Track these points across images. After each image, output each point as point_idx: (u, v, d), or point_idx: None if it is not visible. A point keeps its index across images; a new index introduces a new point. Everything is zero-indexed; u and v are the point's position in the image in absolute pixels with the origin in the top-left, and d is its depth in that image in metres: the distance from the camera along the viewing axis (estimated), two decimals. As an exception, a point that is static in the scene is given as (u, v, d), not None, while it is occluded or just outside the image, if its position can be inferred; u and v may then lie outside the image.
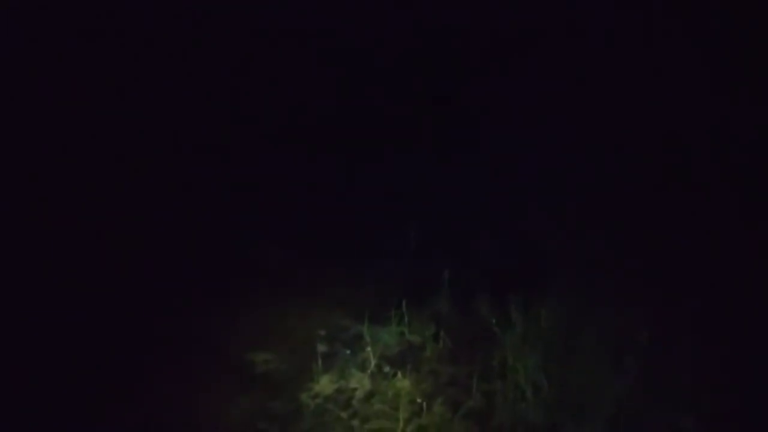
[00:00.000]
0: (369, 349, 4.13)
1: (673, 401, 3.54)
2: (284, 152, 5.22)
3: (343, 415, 3.85)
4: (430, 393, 3.93)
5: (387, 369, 4.08)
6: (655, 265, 4.46)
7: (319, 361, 4.06)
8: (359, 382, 4.01)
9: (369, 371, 4.06)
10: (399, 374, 4.03)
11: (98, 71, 5.03)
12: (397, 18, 5.45)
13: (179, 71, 5.15)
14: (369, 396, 3.95)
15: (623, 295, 4.26)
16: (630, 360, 3.61)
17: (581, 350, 3.81)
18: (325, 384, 4.00)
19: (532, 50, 5.52)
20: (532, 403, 3.70)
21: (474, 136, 5.56)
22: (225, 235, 4.76)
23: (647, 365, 3.62)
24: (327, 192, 5.03)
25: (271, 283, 4.57)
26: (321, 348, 4.20)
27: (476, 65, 5.46)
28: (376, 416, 3.85)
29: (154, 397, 3.81)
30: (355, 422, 3.83)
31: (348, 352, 4.20)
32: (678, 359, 3.72)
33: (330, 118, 5.37)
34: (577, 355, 3.81)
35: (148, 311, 4.26)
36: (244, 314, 4.40)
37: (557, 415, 3.62)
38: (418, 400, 3.90)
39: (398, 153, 5.23)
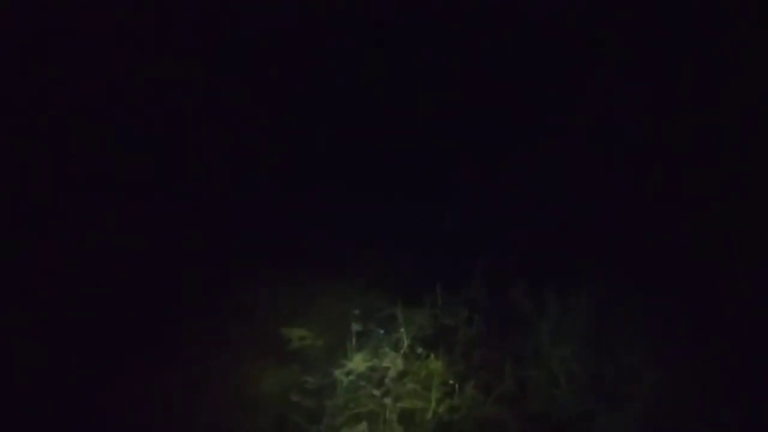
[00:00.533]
0: (402, 330, 4.17)
1: (712, 392, 3.51)
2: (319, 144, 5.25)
3: (376, 392, 3.91)
4: (463, 375, 3.96)
5: (420, 350, 4.12)
6: (694, 256, 4.41)
7: (353, 340, 4.12)
8: (392, 362, 4.06)
9: (402, 351, 4.10)
10: (432, 356, 4.06)
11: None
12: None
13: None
14: (401, 375, 4.00)
15: (660, 286, 4.22)
16: (668, 350, 3.59)
17: (618, 339, 3.79)
18: (358, 362, 4.06)
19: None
20: (566, 390, 3.70)
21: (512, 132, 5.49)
22: (265, 217, 4.84)
23: (685, 355, 3.60)
24: (366, 177, 5.06)
25: (308, 262, 4.64)
26: (355, 327, 4.25)
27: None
28: (409, 395, 3.90)
29: (197, 367, 3.92)
30: (388, 400, 3.89)
31: (381, 332, 4.25)
32: (717, 350, 3.68)
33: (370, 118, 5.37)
34: (614, 344, 3.79)
35: (193, 286, 4.37)
36: (282, 292, 4.48)
37: (592, 402, 3.62)
38: (450, 382, 3.93)
39: (435, 143, 5.22)
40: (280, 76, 5.42)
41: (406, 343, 4.12)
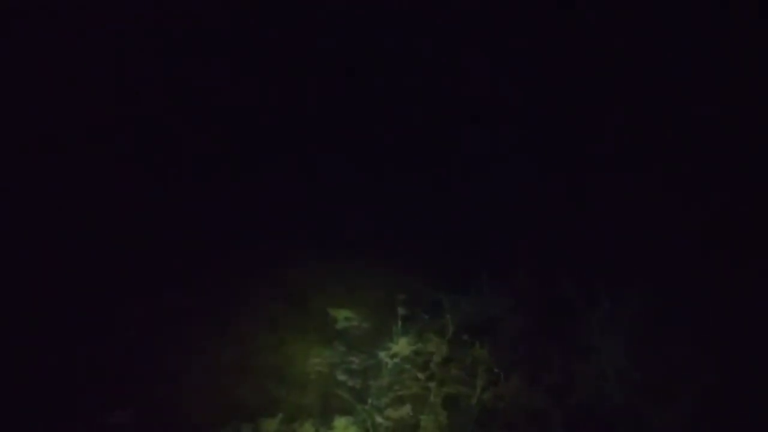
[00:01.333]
0: (448, 316, 4.18)
1: (762, 391, 3.43)
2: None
3: (421, 376, 3.95)
4: (508, 364, 3.95)
5: (465, 337, 4.12)
6: (750, 255, 4.29)
7: (399, 323, 4.15)
8: (437, 347, 4.08)
9: (447, 338, 4.11)
10: (477, 343, 4.06)
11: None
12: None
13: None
14: (446, 361, 4.02)
15: (712, 284, 4.13)
16: (718, 346, 3.51)
17: (669, 335, 3.73)
18: (403, 345, 4.09)
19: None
20: (614, 383, 3.67)
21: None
22: (316, 202, 4.89)
23: (737, 354, 3.52)
24: (414, 166, 5.06)
25: (355, 247, 4.67)
26: (400, 311, 4.27)
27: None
28: (453, 381, 3.92)
29: (247, 345, 4.01)
30: (432, 384, 3.92)
31: (426, 317, 4.26)
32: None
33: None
34: (664, 340, 3.74)
35: (246, 267, 4.46)
36: (330, 275, 4.53)
37: (640, 397, 3.58)
38: (495, 370, 3.94)
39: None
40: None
41: (451, 329, 4.13)
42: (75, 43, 5.12)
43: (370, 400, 3.85)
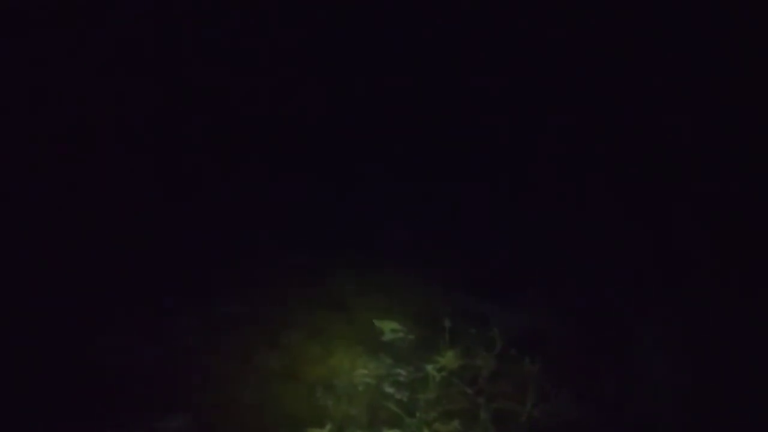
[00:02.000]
0: (495, 329, 4.15)
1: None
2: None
3: (469, 390, 3.90)
4: (558, 380, 3.90)
5: (513, 351, 4.08)
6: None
7: (446, 336, 4.12)
8: (485, 362, 4.04)
9: (495, 352, 4.07)
10: (527, 358, 4.01)
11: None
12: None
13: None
14: (495, 376, 3.97)
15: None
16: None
17: (727, 354, 3.66)
18: (450, 358, 4.06)
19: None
20: (667, 400, 3.60)
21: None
22: (364, 210, 4.90)
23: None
24: (464, 176, 5.07)
25: (400, 257, 4.67)
26: (446, 323, 4.24)
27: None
28: (503, 397, 3.87)
29: (292, 354, 4.01)
30: (481, 399, 3.87)
31: (473, 330, 4.23)
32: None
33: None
34: (722, 360, 3.67)
35: (290, 275, 4.48)
36: (374, 284, 4.52)
37: (698, 417, 3.51)
38: (546, 386, 3.88)
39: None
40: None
41: (499, 343, 4.10)
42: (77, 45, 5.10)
43: (418, 414, 3.81)
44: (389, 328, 4.25)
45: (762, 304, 3.96)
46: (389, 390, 3.91)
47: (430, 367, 4.02)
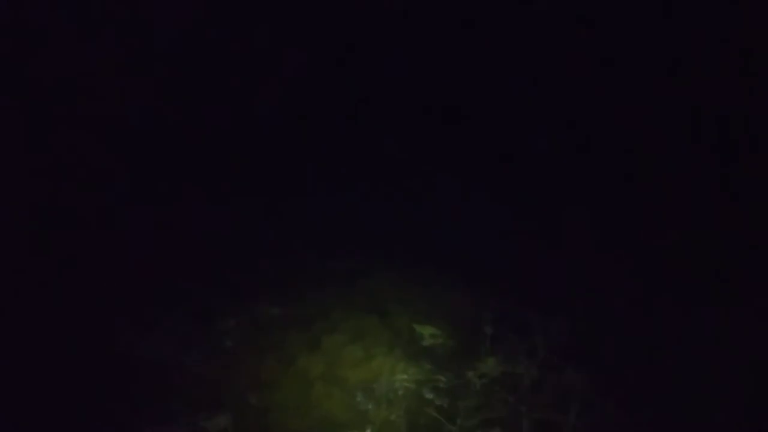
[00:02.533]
0: (537, 337, 4.08)
1: None
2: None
3: (511, 399, 3.85)
4: (604, 391, 3.82)
5: (556, 360, 4.01)
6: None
7: (487, 343, 4.07)
8: (527, 370, 3.98)
9: (538, 360, 4.01)
10: (570, 368, 3.94)
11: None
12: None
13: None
14: (537, 385, 3.91)
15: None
16: None
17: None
18: (491, 365, 4.01)
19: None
20: (724, 414, 3.50)
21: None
22: (405, 216, 4.90)
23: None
24: (500, 179, 5.02)
25: (441, 263, 4.64)
26: (487, 330, 4.20)
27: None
28: (545, 406, 3.81)
29: (332, 358, 4.03)
30: (523, 408, 3.82)
31: (515, 337, 4.17)
32: None
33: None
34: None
35: (331, 279, 4.50)
36: (415, 290, 4.51)
37: (753, 427, 3.39)
38: (590, 396, 3.81)
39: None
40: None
41: (541, 351, 4.03)
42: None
43: (458, 421, 3.79)
44: (429, 334, 4.23)
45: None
46: (429, 396, 3.90)
47: (470, 374, 3.98)
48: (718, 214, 4.60)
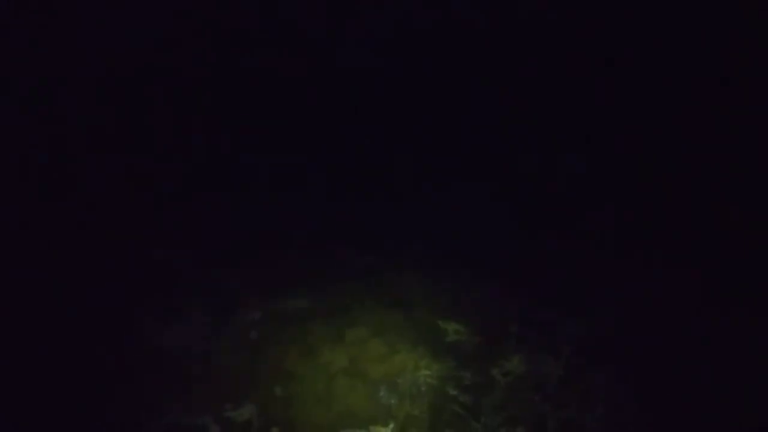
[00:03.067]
0: (564, 336, 4.04)
1: None
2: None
3: (536, 397, 3.82)
4: (630, 391, 3.76)
5: (581, 360, 3.96)
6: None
7: (512, 340, 4.04)
8: (552, 368, 3.94)
9: (562, 359, 3.97)
10: (595, 367, 3.89)
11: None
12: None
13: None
14: (562, 383, 3.87)
15: None
16: None
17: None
18: (516, 363, 3.98)
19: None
20: (749, 413, 3.42)
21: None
22: (427, 215, 4.89)
23: None
24: (529, 183, 4.98)
25: (465, 257, 4.62)
26: (512, 327, 4.17)
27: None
28: (570, 405, 3.77)
29: (355, 352, 4.02)
30: (547, 407, 3.78)
31: (539, 336, 4.14)
32: None
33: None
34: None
35: (355, 274, 4.50)
36: (439, 286, 4.49)
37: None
38: (616, 396, 3.75)
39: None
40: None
41: (567, 350, 3.99)
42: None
43: (482, 419, 3.76)
44: (453, 330, 4.21)
45: None
46: (453, 392, 3.87)
47: (495, 371, 3.96)
48: (749, 212, 4.52)
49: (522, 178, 4.90)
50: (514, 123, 5.14)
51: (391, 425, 3.68)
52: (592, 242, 4.66)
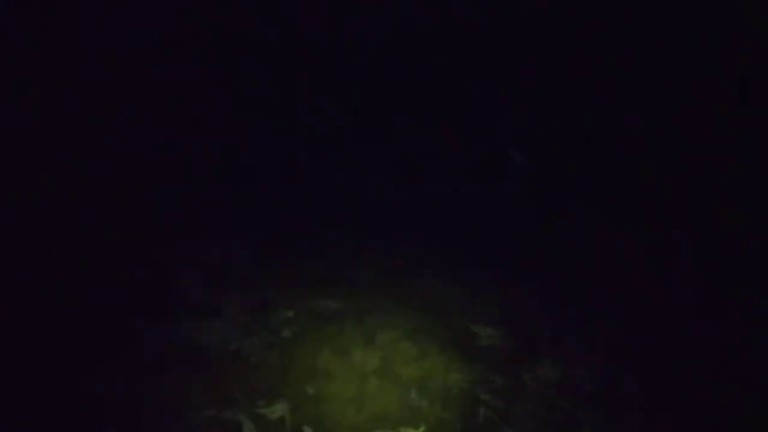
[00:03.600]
0: (598, 343, 4.00)
1: None
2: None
3: (568, 404, 3.78)
4: (664, 400, 3.70)
5: (615, 365, 3.92)
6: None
7: (545, 346, 4.01)
8: (585, 375, 3.91)
9: (596, 365, 3.93)
10: (629, 374, 3.84)
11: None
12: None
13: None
14: (596, 389, 3.83)
15: None
16: None
17: None
18: (549, 369, 3.95)
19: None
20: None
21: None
22: (461, 217, 4.88)
23: None
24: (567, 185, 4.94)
25: (498, 260, 4.59)
26: (545, 333, 4.14)
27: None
28: (603, 411, 3.73)
29: (387, 352, 4.04)
30: (580, 413, 3.75)
31: (575, 342, 4.10)
32: None
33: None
34: None
35: (382, 274, 4.52)
36: (471, 287, 4.47)
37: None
38: (650, 405, 3.70)
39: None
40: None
41: (601, 358, 3.95)
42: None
43: (514, 424, 3.74)
44: (485, 334, 4.20)
45: None
46: (484, 396, 3.86)
47: (527, 377, 3.94)
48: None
49: (556, 186, 4.86)
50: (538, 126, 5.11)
51: (422, 428, 3.68)
52: (627, 246, 4.60)
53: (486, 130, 5.19)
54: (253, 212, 4.75)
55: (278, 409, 3.53)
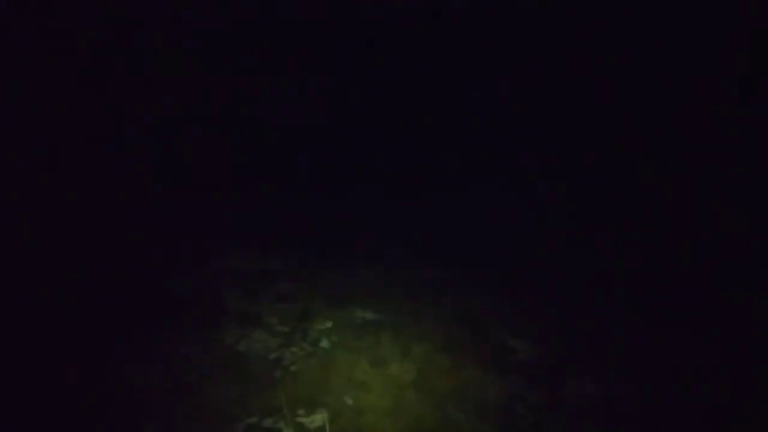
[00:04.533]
0: (638, 358, 3.95)
1: None
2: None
3: (606, 420, 3.74)
4: (706, 417, 3.63)
5: (656, 381, 3.86)
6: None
7: (583, 361, 3.99)
8: (624, 391, 3.86)
9: (635, 380, 3.88)
10: (672, 392, 3.78)
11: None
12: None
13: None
14: (635, 405, 3.78)
15: None
16: None
17: None
18: (587, 384, 3.92)
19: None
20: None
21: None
22: (497, 231, 4.88)
23: None
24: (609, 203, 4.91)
25: (535, 274, 4.59)
26: (582, 347, 4.12)
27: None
28: (643, 428, 3.67)
29: (423, 365, 4.06)
30: (619, 430, 3.70)
31: (613, 357, 4.06)
32: None
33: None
34: None
35: (417, 288, 4.55)
36: (508, 301, 4.48)
37: None
38: (691, 423, 3.63)
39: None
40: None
41: (640, 371, 3.90)
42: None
43: (551, 438, 3.71)
44: (522, 348, 4.19)
45: None
46: (520, 410, 3.85)
47: (564, 391, 3.91)
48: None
49: (597, 205, 4.83)
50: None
51: (459, 440, 3.69)
52: (671, 264, 4.54)
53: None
54: (294, 226, 4.86)
55: (318, 419, 3.59)
